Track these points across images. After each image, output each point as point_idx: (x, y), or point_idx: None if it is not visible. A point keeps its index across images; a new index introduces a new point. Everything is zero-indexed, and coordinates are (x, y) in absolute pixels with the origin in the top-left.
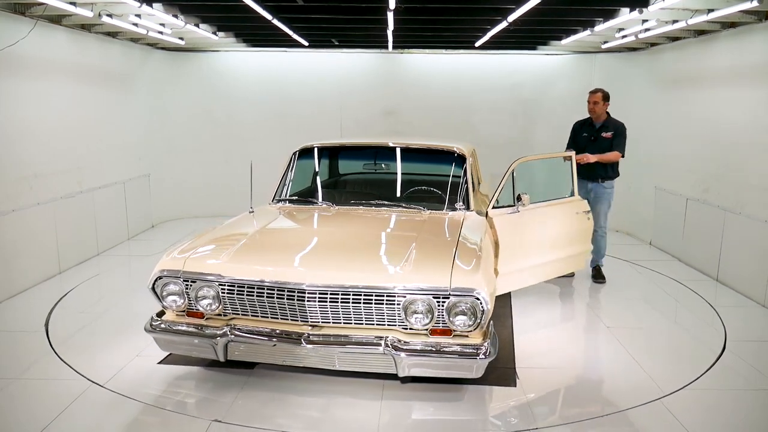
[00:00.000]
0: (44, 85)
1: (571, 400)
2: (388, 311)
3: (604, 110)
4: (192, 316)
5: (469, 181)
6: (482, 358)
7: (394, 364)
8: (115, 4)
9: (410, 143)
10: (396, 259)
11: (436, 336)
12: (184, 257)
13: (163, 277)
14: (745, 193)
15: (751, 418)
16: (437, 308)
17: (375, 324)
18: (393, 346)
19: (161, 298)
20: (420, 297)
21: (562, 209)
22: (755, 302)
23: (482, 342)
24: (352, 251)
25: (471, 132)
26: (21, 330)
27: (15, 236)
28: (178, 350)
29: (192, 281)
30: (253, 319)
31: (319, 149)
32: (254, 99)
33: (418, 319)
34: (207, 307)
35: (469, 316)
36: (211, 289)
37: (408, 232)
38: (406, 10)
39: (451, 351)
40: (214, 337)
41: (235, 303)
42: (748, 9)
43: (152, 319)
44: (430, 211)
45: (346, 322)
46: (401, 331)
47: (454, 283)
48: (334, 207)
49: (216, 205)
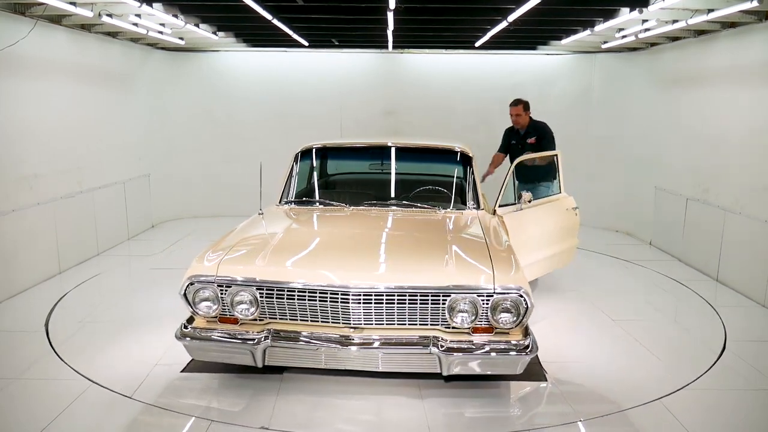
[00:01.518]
0: (44, 85)
1: (604, 393)
2: (432, 311)
3: (527, 119)
4: (224, 322)
5: (477, 181)
6: (527, 355)
7: (438, 363)
8: (115, 4)
9: (415, 143)
10: (437, 259)
11: (478, 334)
12: (216, 262)
13: (195, 282)
14: (745, 193)
15: (751, 418)
16: (482, 306)
17: (418, 324)
18: (440, 346)
19: (193, 304)
20: (465, 296)
21: (556, 206)
22: (755, 302)
23: (525, 339)
24: (389, 252)
25: (471, 132)
26: (21, 330)
27: (15, 236)
28: (212, 357)
29: (227, 286)
30: (291, 322)
31: (323, 149)
32: (254, 99)
33: (463, 317)
34: (243, 312)
35: (513, 313)
36: (248, 294)
37: (435, 232)
38: (406, 10)
39: (498, 348)
40: (254, 343)
41: (274, 307)
42: (748, 9)
43: (183, 326)
44: (444, 211)
45: (389, 324)
46: (443, 330)
47: (498, 282)
48: (349, 208)
49: (216, 205)
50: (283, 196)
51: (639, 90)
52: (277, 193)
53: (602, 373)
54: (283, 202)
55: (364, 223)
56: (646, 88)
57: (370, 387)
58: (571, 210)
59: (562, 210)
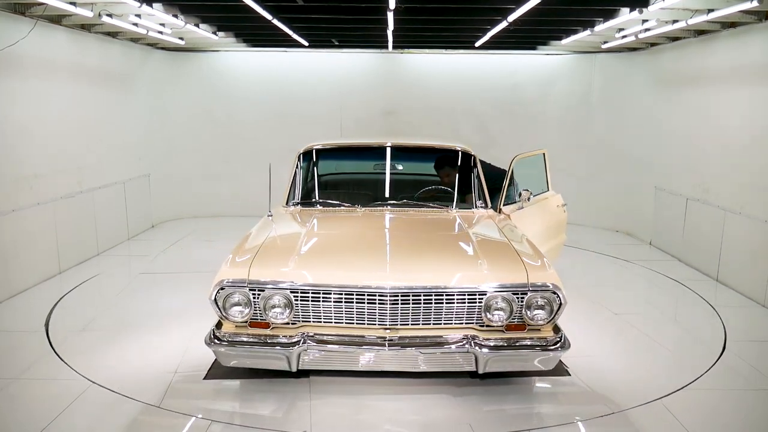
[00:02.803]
0: (44, 85)
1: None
2: (469, 310)
3: None
4: (255, 327)
5: (482, 180)
6: (561, 351)
7: (475, 361)
8: (115, 4)
9: (421, 143)
10: (469, 258)
11: (511, 331)
12: (246, 266)
13: (225, 287)
14: (745, 193)
15: (751, 418)
16: (516, 304)
17: (453, 323)
18: (478, 345)
19: (223, 309)
20: (501, 294)
21: (549, 203)
22: (755, 302)
23: (557, 335)
24: (421, 252)
25: (471, 132)
26: (21, 330)
27: (15, 236)
28: (243, 363)
29: (259, 290)
30: (326, 325)
31: (328, 150)
32: (254, 99)
33: (499, 315)
34: (277, 316)
35: (547, 310)
36: (282, 297)
37: (456, 232)
38: (406, 10)
39: (533, 345)
40: (291, 347)
41: (308, 310)
42: (748, 9)
43: (213, 332)
44: (457, 210)
45: (424, 324)
46: (478, 329)
47: (531, 279)
48: (361, 209)
49: (216, 205)
50: (290, 197)
51: (639, 90)
52: (281, 194)
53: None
54: (292, 203)
55: (381, 223)
56: (646, 88)
57: (401, 387)
58: (561, 207)
59: (554, 207)
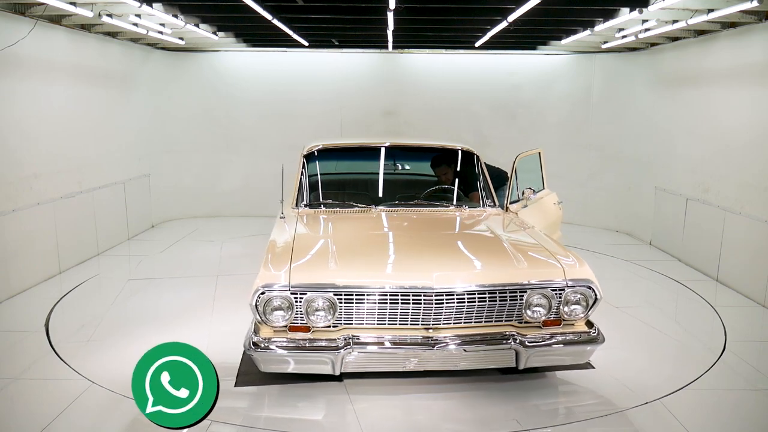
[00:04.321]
0: (44, 85)
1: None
2: (510, 307)
3: None
4: (294, 331)
5: (488, 179)
6: (597, 344)
7: (515, 358)
8: (115, 4)
9: (427, 143)
10: (507, 257)
11: (548, 327)
12: (286, 270)
13: (266, 292)
14: (745, 193)
15: (751, 418)
16: (555, 300)
17: (493, 321)
18: (520, 341)
19: (264, 314)
20: (541, 291)
21: (546, 201)
22: (755, 302)
23: (591, 328)
24: (458, 252)
25: (471, 132)
26: (21, 330)
27: (15, 236)
28: (285, 369)
29: (301, 293)
30: (368, 327)
31: (333, 150)
32: (254, 99)
33: (538, 311)
34: (320, 319)
35: (583, 305)
36: (326, 300)
37: (482, 231)
38: (406, 10)
39: (572, 340)
40: (337, 350)
41: (351, 312)
42: (748, 9)
43: (252, 338)
44: (469, 209)
45: (465, 322)
46: (516, 326)
47: (568, 275)
48: (375, 208)
49: (216, 205)
50: (299, 198)
51: (639, 90)
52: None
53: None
54: (303, 205)
55: (402, 224)
56: (646, 88)
57: (438, 386)
58: (557, 205)
59: (550, 205)
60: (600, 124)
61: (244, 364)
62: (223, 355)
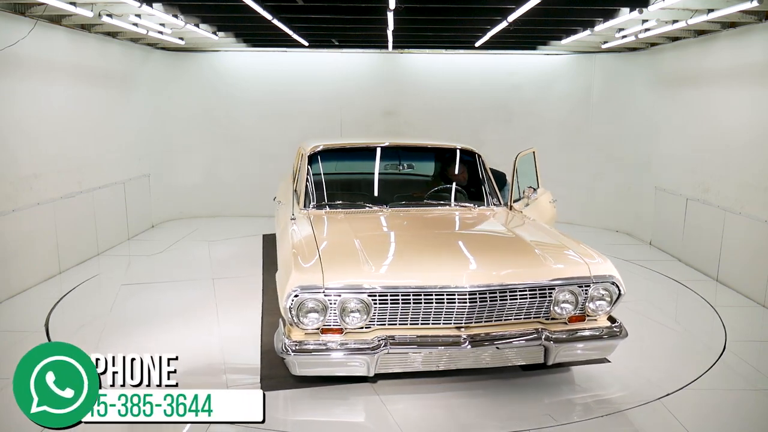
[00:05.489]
0: (44, 85)
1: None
2: (539, 304)
3: None
4: (327, 333)
5: (492, 179)
6: (621, 338)
7: (543, 354)
8: (115, 4)
9: (428, 143)
10: (534, 255)
11: (573, 323)
12: (318, 272)
13: (299, 294)
14: (745, 193)
15: (751, 418)
16: (581, 296)
17: (522, 318)
18: (551, 337)
19: (298, 317)
20: (568, 287)
21: (542, 199)
22: (755, 302)
23: (614, 323)
24: (485, 251)
25: (471, 132)
26: (21, 330)
27: (15, 236)
28: (319, 371)
29: (336, 295)
30: (401, 327)
31: (336, 150)
32: (254, 99)
33: (566, 308)
34: (355, 320)
35: (608, 301)
36: (360, 301)
37: (501, 229)
38: (406, 10)
39: (600, 335)
40: (373, 351)
41: (384, 313)
42: (748, 9)
43: (286, 342)
44: (477, 208)
45: (496, 320)
46: (543, 322)
47: (593, 272)
48: (387, 208)
49: (216, 205)
50: (307, 200)
51: (639, 90)
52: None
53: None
54: (312, 206)
55: (417, 223)
56: (646, 88)
57: (464, 383)
58: (552, 203)
59: (546, 203)
60: (600, 124)
61: (265, 367)
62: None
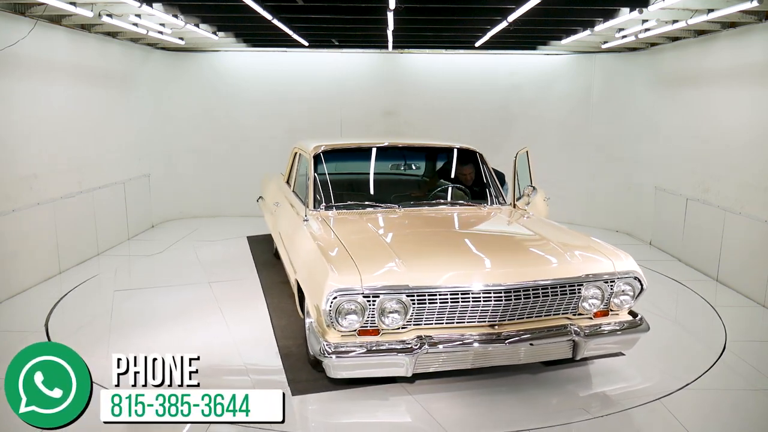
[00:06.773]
0: (44, 85)
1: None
2: (568, 300)
3: None
4: (365, 334)
5: (495, 178)
6: (644, 331)
7: (572, 349)
8: (115, 4)
9: (433, 143)
10: (560, 253)
11: (599, 318)
12: (355, 273)
13: (338, 296)
14: (745, 193)
15: (751, 418)
16: (607, 291)
17: (551, 314)
18: (582, 333)
19: (336, 319)
20: (596, 283)
21: (538, 197)
22: (755, 302)
23: (636, 317)
24: (513, 250)
25: (471, 132)
26: (21, 330)
27: (15, 236)
28: (359, 373)
29: (374, 296)
30: (437, 326)
31: (342, 150)
32: (254, 99)
33: (593, 303)
34: (394, 321)
35: (631, 296)
36: (398, 302)
37: (517, 228)
38: (406, 10)
39: (625, 329)
40: (413, 351)
41: (422, 313)
42: (748, 9)
43: (324, 344)
44: (486, 207)
45: (527, 317)
46: (570, 318)
47: (617, 268)
48: (399, 208)
49: (216, 205)
50: (316, 200)
51: (639, 90)
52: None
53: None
54: (322, 206)
55: (436, 221)
56: (646, 88)
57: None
58: (545, 201)
59: (540, 201)
60: (600, 124)
61: (290, 371)
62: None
